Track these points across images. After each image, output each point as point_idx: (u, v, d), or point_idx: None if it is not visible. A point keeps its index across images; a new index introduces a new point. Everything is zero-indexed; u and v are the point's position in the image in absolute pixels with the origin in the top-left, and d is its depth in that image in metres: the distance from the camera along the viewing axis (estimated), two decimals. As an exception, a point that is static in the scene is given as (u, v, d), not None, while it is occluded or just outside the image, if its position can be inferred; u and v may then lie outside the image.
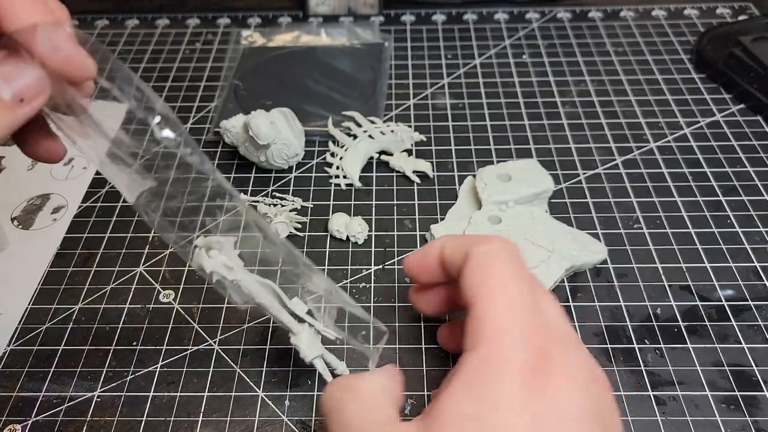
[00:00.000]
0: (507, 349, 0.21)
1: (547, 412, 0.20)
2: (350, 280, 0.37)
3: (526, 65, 0.55)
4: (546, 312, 0.24)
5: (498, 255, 0.24)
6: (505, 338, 0.22)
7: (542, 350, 0.21)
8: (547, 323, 0.23)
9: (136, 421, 0.31)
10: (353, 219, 0.40)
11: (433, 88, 0.53)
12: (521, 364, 0.21)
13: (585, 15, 0.61)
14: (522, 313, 0.22)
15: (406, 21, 0.62)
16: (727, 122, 0.48)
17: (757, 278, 0.37)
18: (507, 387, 0.20)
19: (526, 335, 0.22)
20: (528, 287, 0.23)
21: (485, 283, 0.23)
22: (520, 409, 0.20)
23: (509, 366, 0.21)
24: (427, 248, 0.28)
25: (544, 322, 0.23)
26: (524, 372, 0.21)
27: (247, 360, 0.33)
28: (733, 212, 0.41)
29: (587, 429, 0.20)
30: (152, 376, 0.33)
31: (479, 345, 0.22)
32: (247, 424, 0.31)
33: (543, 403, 0.20)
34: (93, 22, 0.63)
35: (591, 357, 0.23)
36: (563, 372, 0.21)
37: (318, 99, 0.50)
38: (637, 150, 0.46)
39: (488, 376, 0.21)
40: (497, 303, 0.23)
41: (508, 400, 0.20)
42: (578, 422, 0.20)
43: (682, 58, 0.55)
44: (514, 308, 0.22)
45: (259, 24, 0.62)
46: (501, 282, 0.23)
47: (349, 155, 0.44)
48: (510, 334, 0.22)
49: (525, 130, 0.48)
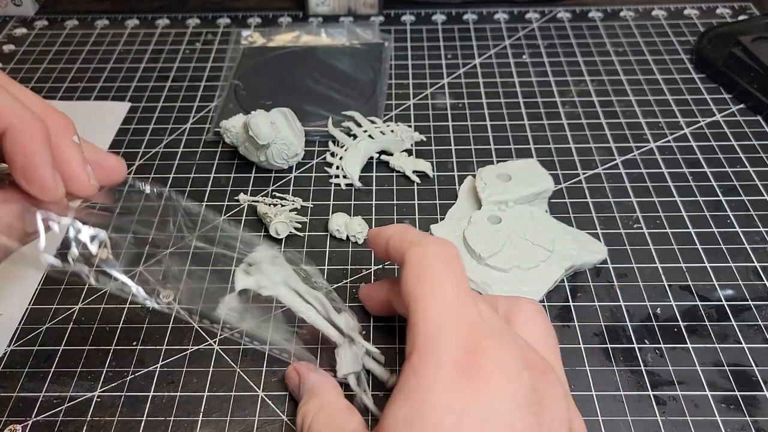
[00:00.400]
0: (436, 353, 0.22)
1: (475, 409, 0.21)
2: (350, 280, 0.37)
3: (526, 65, 0.55)
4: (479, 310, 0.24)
5: (432, 258, 0.24)
6: (434, 343, 0.22)
7: (473, 349, 0.22)
8: (478, 321, 0.23)
9: (136, 420, 0.31)
10: (353, 219, 0.40)
11: (433, 88, 0.53)
12: (451, 365, 0.21)
13: (585, 15, 0.62)
14: (454, 316, 0.23)
15: (406, 21, 0.62)
16: (727, 122, 0.48)
17: (757, 278, 0.37)
18: (436, 389, 0.21)
19: (458, 337, 0.22)
20: (463, 289, 0.24)
21: (420, 287, 0.24)
22: (446, 410, 0.21)
23: (439, 370, 0.21)
24: (383, 229, 0.28)
25: (476, 320, 0.23)
26: (454, 373, 0.21)
27: (247, 360, 0.33)
28: (733, 212, 0.41)
29: (518, 419, 0.21)
30: (152, 376, 0.33)
31: (414, 351, 0.22)
32: (247, 424, 0.31)
33: (471, 401, 0.21)
34: (93, 22, 0.63)
35: (525, 345, 0.24)
36: (494, 366, 0.22)
37: (318, 99, 0.50)
38: (637, 150, 0.46)
39: (419, 381, 0.22)
40: (429, 309, 0.23)
41: (435, 402, 0.21)
42: (508, 414, 0.21)
43: (682, 58, 0.55)
44: (447, 313, 0.23)
45: (259, 24, 0.62)
46: (434, 286, 0.23)
47: (349, 155, 0.44)
48: (440, 339, 0.22)
49: (525, 130, 0.48)
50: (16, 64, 0.57)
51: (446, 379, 0.21)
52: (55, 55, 0.58)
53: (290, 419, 0.31)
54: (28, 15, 0.64)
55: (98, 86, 0.54)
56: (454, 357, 0.22)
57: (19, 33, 0.62)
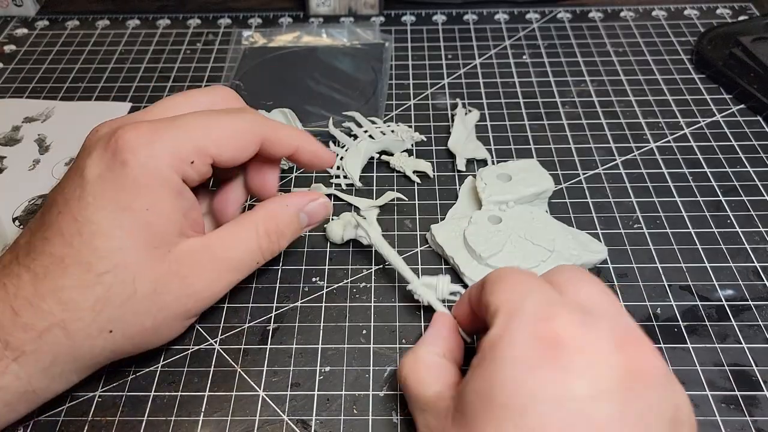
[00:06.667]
0: (513, 328, 0.21)
1: (548, 392, 0.19)
2: (350, 280, 0.37)
3: (527, 65, 0.55)
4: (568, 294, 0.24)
5: (508, 268, 0.26)
6: (512, 318, 0.22)
7: (553, 327, 0.21)
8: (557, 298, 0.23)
9: (137, 420, 0.31)
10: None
11: (433, 88, 0.53)
12: (528, 341, 0.21)
13: (585, 15, 0.62)
14: (533, 294, 0.23)
15: (406, 21, 0.62)
16: (727, 122, 0.48)
17: (757, 278, 0.37)
18: (508, 365, 0.21)
19: (535, 313, 0.22)
20: (541, 281, 0.24)
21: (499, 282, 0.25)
22: (516, 389, 0.20)
23: (513, 345, 0.21)
24: (460, 301, 0.30)
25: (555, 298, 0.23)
26: (531, 350, 0.20)
27: (248, 359, 0.33)
28: (733, 212, 0.41)
29: (598, 408, 0.19)
30: (153, 376, 0.33)
31: (492, 327, 0.23)
32: (247, 424, 0.31)
33: (546, 382, 0.20)
34: (94, 23, 0.63)
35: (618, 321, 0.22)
36: (575, 345, 0.20)
37: (319, 99, 0.50)
38: (637, 150, 0.46)
39: (494, 355, 0.21)
40: (508, 292, 0.23)
41: (506, 380, 0.20)
42: (587, 402, 0.19)
43: (683, 59, 0.55)
44: (526, 294, 0.23)
45: (259, 24, 0.62)
46: (513, 278, 0.24)
47: (350, 155, 0.44)
48: (518, 314, 0.22)
49: (525, 130, 0.48)
50: (17, 65, 0.57)
51: (521, 356, 0.20)
52: (56, 55, 0.58)
53: (291, 419, 0.31)
54: (29, 15, 0.64)
55: (99, 86, 0.54)
56: (531, 332, 0.21)
57: (20, 33, 0.62)
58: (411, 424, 0.30)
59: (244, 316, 0.35)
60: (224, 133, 0.28)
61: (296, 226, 0.32)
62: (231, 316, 0.36)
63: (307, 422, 0.31)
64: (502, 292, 0.24)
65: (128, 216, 0.26)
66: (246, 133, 0.29)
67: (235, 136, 0.29)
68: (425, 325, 0.35)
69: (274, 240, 0.30)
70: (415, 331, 0.34)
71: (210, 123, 0.28)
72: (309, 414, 0.31)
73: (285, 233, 0.31)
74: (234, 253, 0.29)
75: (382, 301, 0.36)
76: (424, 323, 0.35)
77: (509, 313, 0.22)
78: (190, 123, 0.28)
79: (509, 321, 0.22)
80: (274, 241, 0.30)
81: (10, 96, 0.53)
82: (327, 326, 0.35)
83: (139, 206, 0.26)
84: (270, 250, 0.31)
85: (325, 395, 0.32)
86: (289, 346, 0.34)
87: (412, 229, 0.40)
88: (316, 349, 0.34)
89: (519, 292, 0.23)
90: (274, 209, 0.31)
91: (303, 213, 0.32)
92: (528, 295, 0.23)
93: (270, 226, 0.30)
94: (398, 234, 0.40)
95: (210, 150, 0.28)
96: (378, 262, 0.38)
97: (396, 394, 0.31)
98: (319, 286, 0.37)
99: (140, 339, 0.28)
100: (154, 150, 0.26)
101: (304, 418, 0.31)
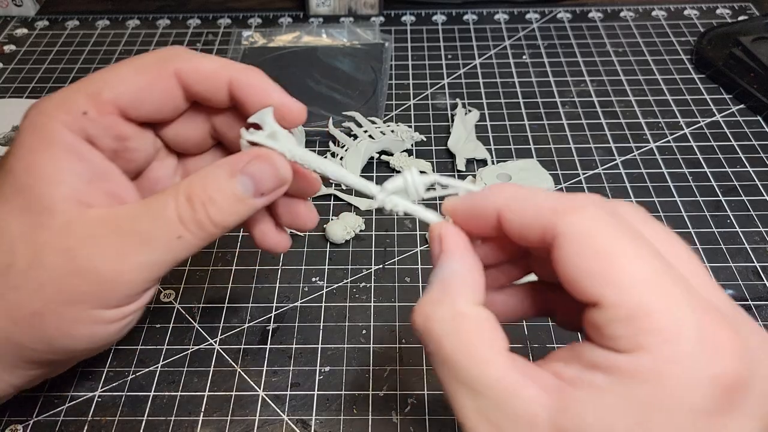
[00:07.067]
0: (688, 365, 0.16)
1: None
2: (350, 280, 0.37)
3: (526, 65, 0.55)
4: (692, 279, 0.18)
5: (606, 229, 0.18)
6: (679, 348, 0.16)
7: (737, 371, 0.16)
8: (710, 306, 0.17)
9: (137, 420, 0.31)
10: (345, 216, 0.40)
11: (433, 89, 0.53)
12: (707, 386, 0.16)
13: (585, 15, 0.62)
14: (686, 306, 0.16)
15: (406, 21, 0.62)
16: (727, 122, 0.48)
17: (757, 278, 0.37)
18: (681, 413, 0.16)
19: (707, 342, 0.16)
20: (664, 261, 0.18)
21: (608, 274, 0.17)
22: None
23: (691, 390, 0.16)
24: (477, 203, 0.21)
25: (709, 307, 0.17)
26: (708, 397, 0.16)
27: (248, 359, 0.33)
28: (733, 212, 0.41)
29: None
30: (153, 376, 0.33)
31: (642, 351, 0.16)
32: (247, 424, 0.31)
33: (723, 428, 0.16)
34: (94, 23, 0.63)
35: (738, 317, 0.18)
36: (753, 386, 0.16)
37: (318, 99, 0.50)
38: (637, 150, 0.46)
39: (657, 395, 0.16)
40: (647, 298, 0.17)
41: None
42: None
43: (682, 59, 0.55)
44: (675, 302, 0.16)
45: (259, 24, 0.62)
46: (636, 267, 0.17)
47: (350, 155, 0.44)
48: (687, 343, 0.16)
49: (525, 131, 0.48)
50: (17, 65, 0.57)
51: (701, 405, 0.16)
52: (56, 55, 0.58)
53: (290, 419, 0.31)
54: (29, 15, 0.64)
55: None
56: (710, 375, 0.16)
57: (20, 33, 0.62)
58: (411, 425, 0.30)
59: (244, 316, 0.35)
60: (126, 73, 0.23)
61: (231, 191, 0.23)
62: (231, 316, 0.36)
63: (306, 422, 0.31)
64: (631, 284, 0.17)
65: (9, 178, 0.22)
66: (155, 68, 0.23)
67: (142, 71, 0.23)
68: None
69: (199, 208, 0.23)
70: (415, 331, 0.34)
71: (113, 67, 0.23)
72: (309, 414, 0.31)
73: (216, 200, 0.23)
74: (144, 224, 0.22)
75: (382, 301, 0.36)
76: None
77: (668, 339, 0.16)
78: (92, 74, 0.24)
79: (673, 352, 0.16)
80: (198, 209, 0.23)
81: (9, 96, 0.53)
82: (327, 326, 0.35)
83: (19, 167, 0.22)
84: (195, 222, 0.23)
85: (324, 395, 0.32)
86: (288, 346, 0.34)
87: (411, 228, 0.40)
88: (315, 348, 0.34)
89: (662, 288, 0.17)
90: (202, 171, 0.23)
91: (243, 175, 0.23)
92: (681, 306, 0.16)
93: (194, 190, 0.23)
94: (398, 234, 0.40)
95: (105, 94, 0.23)
96: (378, 261, 0.38)
97: (396, 393, 0.31)
98: (318, 285, 0.37)
99: (39, 331, 0.23)
100: (41, 105, 0.23)
101: (303, 417, 0.31)
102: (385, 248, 0.39)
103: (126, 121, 0.24)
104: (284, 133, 0.24)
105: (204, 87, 0.24)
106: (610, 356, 0.17)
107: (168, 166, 0.27)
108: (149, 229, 0.22)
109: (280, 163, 0.24)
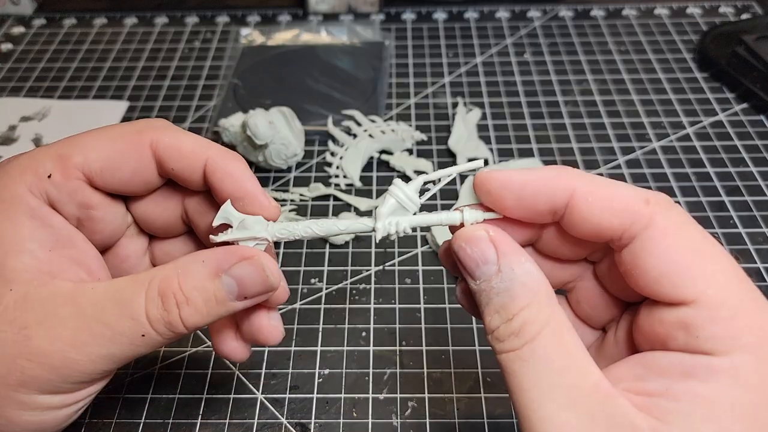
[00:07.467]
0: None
1: None
2: (350, 281, 0.37)
3: (528, 64, 0.55)
4: None
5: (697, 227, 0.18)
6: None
7: None
8: None
9: (135, 422, 0.31)
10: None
11: (434, 87, 0.52)
12: None
13: (587, 13, 0.61)
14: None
15: (406, 19, 0.61)
16: (730, 122, 0.48)
17: (761, 279, 0.36)
18: None
19: None
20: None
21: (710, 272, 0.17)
22: None
23: None
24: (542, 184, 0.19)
25: None
26: None
27: (246, 362, 0.33)
28: (737, 212, 0.40)
29: None
30: (151, 378, 0.32)
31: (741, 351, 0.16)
32: (246, 426, 0.30)
33: None
34: (91, 21, 0.62)
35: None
36: None
37: (318, 98, 0.50)
38: (639, 149, 0.45)
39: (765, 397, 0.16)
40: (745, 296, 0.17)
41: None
42: None
43: (685, 57, 0.55)
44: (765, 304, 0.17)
45: (258, 22, 0.62)
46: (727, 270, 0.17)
47: (350, 155, 0.44)
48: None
49: (527, 130, 0.47)
50: (14, 63, 0.57)
51: None
52: (53, 53, 0.58)
53: (289, 422, 0.30)
54: (26, 13, 0.64)
55: (96, 85, 0.54)
56: None
57: (17, 32, 0.61)
58: (411, 428, 0.30)
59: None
60: (100, 139, 0.22)
61: (213, 292, 0.21)
62: (229, 318, 0.35)
63: (306, 425, 0.30)
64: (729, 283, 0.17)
65: None
66: (131, 137, 0.22)
67: (116, 138, 0.22)
68: (426, 326, 0.34)
69: (172, 308, 0.20)
70: (416, 332, 0.34)
71: (90, 131, 0.23)
72: (308, 417, 0.31)
73: (193, 300, 0.21)
74: (108, 315, 0.20)
75: (382, 302, 0.36)
76: (425, 325, 0.34)
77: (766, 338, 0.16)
78: (69, 137, 0.23)
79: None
80: (171, 309, 0.20)
81: (6, 95, 0.53)
82: (326, 328, 0.34)
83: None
84: (164, 322, 0.20)
85: (324, 398, 0.31)
86: (287, 349, 0.34)
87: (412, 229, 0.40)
88: (315, 351, 0.33)
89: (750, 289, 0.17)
90: (181, 262, 0.21)
91: (228, 276, 0.21)
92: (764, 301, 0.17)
93: (169, 285, 0.21)
94: (398, 234, 0.40)
95: (74, 158, 0.22)
96: (378, 263, 0.38)
97: (396, 397, 0.31)
98: (318, 287, 0.37)
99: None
100: (8, 164, 0.22)
101: (303, 421, 0.31)
102: (385, 249, 0.39)
103: (93, 189, 0.23)
104: (253, 219, 0.22)
105: (179, 165, 0.23)
106: (703, 360, 0.16)
107: (138, 245, 0.26)
108: (113, 322, 0.20)
109: (270, 269, 0.22)
